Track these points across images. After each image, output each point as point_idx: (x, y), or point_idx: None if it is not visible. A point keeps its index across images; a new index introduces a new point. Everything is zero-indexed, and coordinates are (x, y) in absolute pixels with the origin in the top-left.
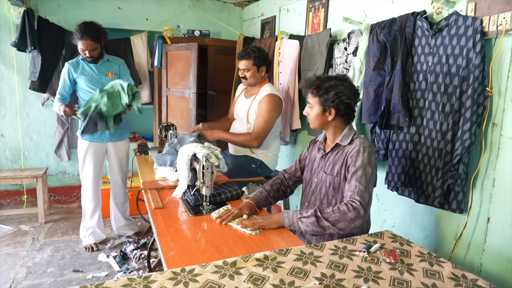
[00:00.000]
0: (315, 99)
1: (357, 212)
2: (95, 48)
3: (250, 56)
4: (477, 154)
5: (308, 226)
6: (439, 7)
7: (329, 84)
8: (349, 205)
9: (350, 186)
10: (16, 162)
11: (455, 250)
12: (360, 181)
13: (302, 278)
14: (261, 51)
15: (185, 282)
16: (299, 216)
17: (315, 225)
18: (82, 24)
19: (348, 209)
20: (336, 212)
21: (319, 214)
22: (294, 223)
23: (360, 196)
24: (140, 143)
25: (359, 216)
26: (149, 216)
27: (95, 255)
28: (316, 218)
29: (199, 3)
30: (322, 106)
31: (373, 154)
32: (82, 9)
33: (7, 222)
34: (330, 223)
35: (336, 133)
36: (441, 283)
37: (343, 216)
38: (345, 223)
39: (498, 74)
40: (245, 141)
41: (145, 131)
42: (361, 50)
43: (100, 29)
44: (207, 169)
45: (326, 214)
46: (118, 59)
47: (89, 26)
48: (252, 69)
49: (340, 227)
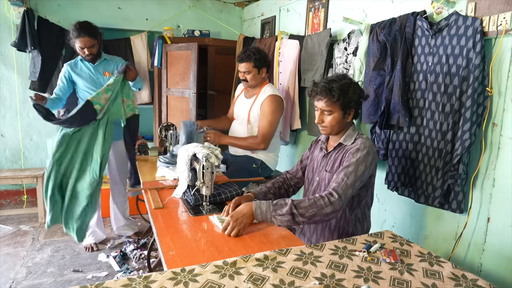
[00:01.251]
0: (336, 104)
1: (333, 208)
2: (93, 45)
3: (251, 59)
4: (477, 154)
5: (282, 223)
6: (439, 7)
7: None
8: (326, 198)
9: (337, 177)
10: (16, 162)
11: (455, 250)
12: (348, 176)
13: (302, 278)
14: (261, 53)
15: (185, 282)
16: (274, 214)
17: (290, 222)
18: (77, 23)
19: (325, 203)
20: (313, 207)
21: (295, 211)
22: (268, 219)
23: (343, 190)
24: (140, 143)
25: (334, 211)
26: (149, 216)
27: (95, 255)
28: (292, 216)
29: (199, 3)
30: (343, 110)
31: (372, 154)
32: (82, 9)
33: (7, 222)
34: (305, 218)
35: (340, 133)
36: (441, 283)
37: (319, 211)
38: (320, 217)
39: (498, 74)
40: (252, 144)
41: (145, 131)
42: (361, 50)
43: (95, 26)
44: (207, 169)
45: (302, 209)
46: (117, 57)
47: (83, 24)
48: (253, 72)
49: (315, 220)
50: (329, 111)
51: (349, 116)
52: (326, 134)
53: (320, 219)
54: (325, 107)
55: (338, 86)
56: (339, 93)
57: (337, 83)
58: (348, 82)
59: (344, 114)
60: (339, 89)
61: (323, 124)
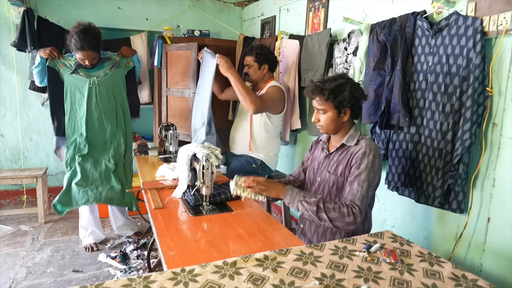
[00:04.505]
0: (328, 103)
1: (354, 219)
2: (95, 57)
3: (252, 53)
4: (477, 154)
5: (307, 210)
6: (439, 7)
7: (339, 84)
8: (349, 208)
9: (351, 189)
10: (16, 162)
11: (455, 250)
12: (362, 186)
13: (302, 278)
14: (264, 49)
15: (185, 282)
16: (302, 198)
17: (314, 213)
18: (80, 32)
19: (348, 213)
20: (337, 210)
21: (321, 205)
22: (295, 202)
23: (360, 202)
24: (140, 143)
25: (355, 222)
26: (149, 216)
27: (95, 255)
28: (317, 208)
29: (199, 3)
30: (337, 109)
31: (378, 158)
32: (82, 9)
33: (7, 222)
34: (328, 218)
35: (342, 133)
36: (441, 283)
37: (341, 217)
38: (341, 224)
39: (498, 74)
40: (250, 98)
41: (145, 131)
42: (361, 50)
43: (98, 36)
44: (207, 169)
45: (327, 208)
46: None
47: (87, 35)
48: (254, 66)
49: (335, 224)
50: (323, 110)
51: (345, 116)
52: (324, 133)
53: (341, 226)
54: (318, 105)
55: (330, 85)
56: (330, 92)
57: (331, 82)
58: (343, 82)
59: (339, 113)
60: (331, 88)
61: (319, 123)
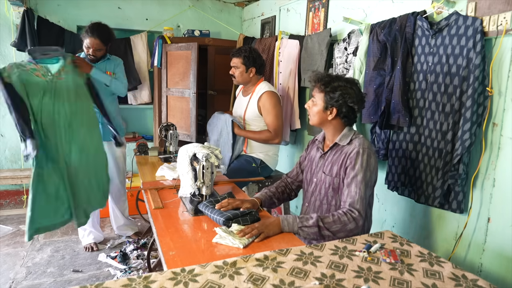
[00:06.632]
0: (321, 95)
1: (356, 223)
2: (100, 49)
3: (240, 55)
4: (477, 154)
5: (309, 235)
6: (439, 7)
7: (337, 84)
8: (349, 215)
9: (350, 191)
10: (16, 162)
11: (455, 250)
12: (360, 187)
13: (302, 278)
14: (253, 52)
15: (185, 282)
16: (300, 225)
17: (316, 234)
18: (96, 23)
19: (349, 220)
20: (337, 223)
21: (321, 224)
22: (295, 231)
23: (359, 204)
24: (140, 143)
25: (357, 227)
26: (149, 216)
27: (95, 255)
28: (318, 228)
29: (199, 3)
30: (325, 104)
31: (372, 156)
32: (82, 9)
33: (7, 222)
34: (331, 233)
35: (335, 133)
36: (441, 283)
37: (343, 227)
38: (344, 233)
39: (498, 74)
40: (268, 137)
41: (145, 131)
42: (361, 50)
43: (110, 33)
44: (207, 169)
45: (327, 224)
46: (117, 58)
47: (101, 27)
48: (241, 68)
49: (339, 236)
50: (314, 100)
51: (330, 114)
52: (311, 123)
53: (345, 235)
54: (314, 93)
55: (329, 80)
56: (325, 86)
57: (333, 79)
58: (345, 85)
59: (325, 108)
60: (328, 83)
61: (308, 110)
